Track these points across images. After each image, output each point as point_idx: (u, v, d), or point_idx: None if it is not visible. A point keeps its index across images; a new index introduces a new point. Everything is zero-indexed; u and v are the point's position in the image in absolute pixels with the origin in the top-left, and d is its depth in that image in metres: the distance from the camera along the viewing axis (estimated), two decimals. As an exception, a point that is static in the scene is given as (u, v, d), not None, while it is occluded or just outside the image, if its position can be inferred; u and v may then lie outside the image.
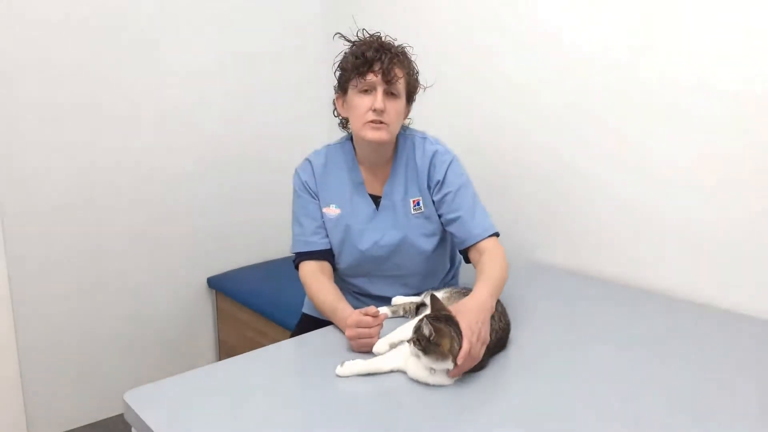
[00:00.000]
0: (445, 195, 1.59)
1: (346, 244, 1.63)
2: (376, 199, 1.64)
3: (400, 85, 1.53)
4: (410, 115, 1.66)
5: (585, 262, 1.96)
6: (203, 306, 2.64)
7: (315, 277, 1.58)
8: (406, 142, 1.64)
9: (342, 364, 1.28)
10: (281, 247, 2.69)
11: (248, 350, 1.42)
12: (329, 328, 1.50)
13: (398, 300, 1.58)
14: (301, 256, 1.64)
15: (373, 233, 1.62)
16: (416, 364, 1.24)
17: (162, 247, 2.47)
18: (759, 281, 1.59)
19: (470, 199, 1.60)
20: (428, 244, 1.64)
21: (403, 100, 1.56)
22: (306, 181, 1.65)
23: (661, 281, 1.77)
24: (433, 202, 1.62)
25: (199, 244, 2.56)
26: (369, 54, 1.50)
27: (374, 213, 1.63)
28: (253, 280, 2.54)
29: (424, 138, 1.65)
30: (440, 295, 1.47)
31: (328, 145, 1.70)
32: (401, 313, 1.52)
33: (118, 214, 2.34)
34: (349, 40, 1.59)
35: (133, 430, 1.19)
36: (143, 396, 1.21)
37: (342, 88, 1.58)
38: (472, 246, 1.56)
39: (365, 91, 1.52)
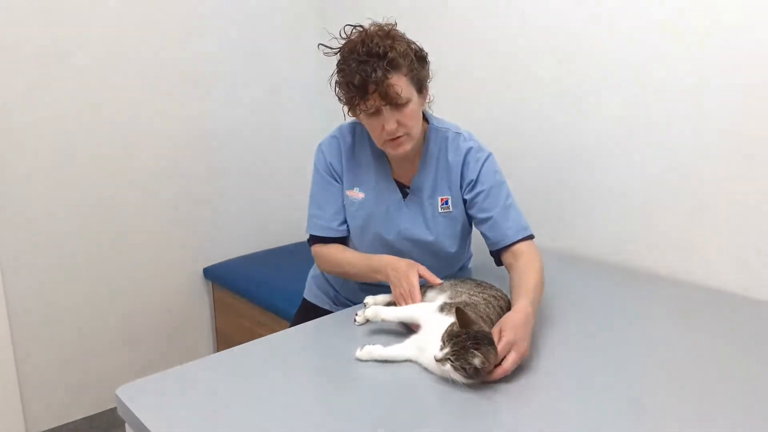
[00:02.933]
0: (478, 194, 1.48)
1: (367, 230, 1.55)
2: (401, 188, 1.55)
3: (405, 91, 1.36)
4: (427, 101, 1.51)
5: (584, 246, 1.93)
6: (200, 297, 2.62)
7: (335, 247, 1.56)
8: (438, 136, 1.52)
9: (362, 347, 1.25)
10: (277, 237, 2.66)
11: (246, 340, 1.38)
12: (329, 316, 1.47)
13: (369, 300, 1.47)
14: (316, 239, 1.58)
15: (397, 223, 1.53)
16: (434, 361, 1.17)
17: (157, 238, 2.45)
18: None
19: (504, 198, 1.48)
20: (452, 245, 1.55)
21: (414, 98, 1.40)
22: (331, 163, 1.55)
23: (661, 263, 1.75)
24: (465, 201, 1.52)
25: (195, 234, 2.54)
26: (356, 81, 1.33)
27: (400, 203, 1.54)
28: (250, 270, 2.51)
29: (458, 133, 1.52)
30: (442, 291, 1.41)
31: (356, 120, 1.52)
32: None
33: (113, 205, 2.32)
34: (330, 49, 1.43)
35: (126, 425, 1.16)
36: (136, 391, 1.17)
37: (348, 105, 1.42)
38: (505, 248, 1.46)
39: (372, 113, 1.39)
